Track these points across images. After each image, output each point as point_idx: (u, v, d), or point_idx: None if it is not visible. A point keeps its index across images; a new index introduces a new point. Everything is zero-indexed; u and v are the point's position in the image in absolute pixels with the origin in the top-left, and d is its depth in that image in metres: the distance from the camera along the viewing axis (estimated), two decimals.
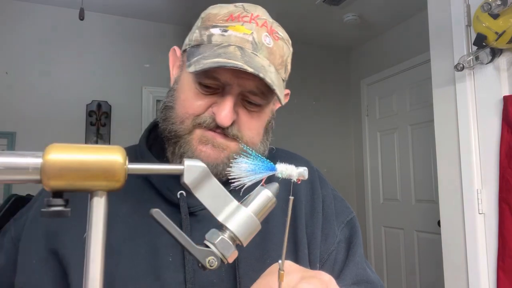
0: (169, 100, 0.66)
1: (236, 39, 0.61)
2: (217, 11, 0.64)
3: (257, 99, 0.63)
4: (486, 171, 1.53)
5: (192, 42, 0.64)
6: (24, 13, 2.93)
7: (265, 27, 0.64)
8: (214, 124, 0.61)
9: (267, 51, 0.63)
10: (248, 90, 0.61)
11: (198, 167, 0.41)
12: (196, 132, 0.62)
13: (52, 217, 0.33)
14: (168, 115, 0.64)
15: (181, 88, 0.64)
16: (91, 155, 0.34)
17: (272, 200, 0.45)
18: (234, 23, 0.62)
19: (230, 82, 0.60)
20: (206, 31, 0.63)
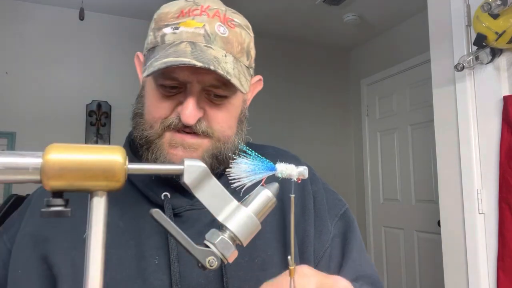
0: (137, 107, 0.66)
1: (187, 35, 0.60)
2: (168, 10, 0.64)
3: (220, 91, 0.61)
4: (486, 171, 1.53)
5: (148, 45, 0.64)
6: (24, 13, 2.93)
7: (217, 16, 0.63)
8: (181, 124, 0.60)
9: (222, 41, 0.61)
10: (209, 84, 0.60)
11: (198, 167, 0.41)
12: (166, 136, 0.61)
13: (52, 217, 0.33)
14: (138, 122, 0.64)
15: (146, 93, 0.64)
16: (91, 155, 0.34)
17: (272, 200, 0.45)
18: (185, 19, 0.61)
19: (189, 79, 0.59)
20: (159, 32, 0.62)
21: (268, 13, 3.08)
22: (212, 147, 0.63)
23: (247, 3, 2.91)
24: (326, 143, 3.75)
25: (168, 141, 0.61)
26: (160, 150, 0.61)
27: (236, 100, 0.65)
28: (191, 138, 0.61)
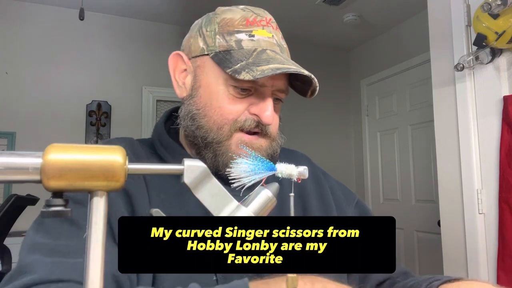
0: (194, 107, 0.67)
1: (265, 43, 0.66)
2: (231, 16, 0.67)
3: (283, 95, 0.68)
4: (486, 171, 1.53)
5: (217, 47, 0.66)
6: (24, 13, 2.93)
7: (278, 30, 0.70)
8: (254, 125, 0.64)
9: (287, 52, 0.69)
10: (278, 89, 0.66)
11: (198, 167, 0.41)
12: (235, 137, 0.64)
13: (52, 217, 0.33)
14: (202, 122, 0.65)
15: (210, 95, 0.66)
16: (91, 155, 0.34)
17: (272, 200, 0.45)
18: (256, 28, 0.66)
19: (267, 84, 0.64)
20: (231, 37, 0.65)
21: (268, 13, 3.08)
22: (269, 147, 0.67)
23: (247, 3, 2.91)
24: (326, 143, 3.75)
25: (236, 142, 0.64)
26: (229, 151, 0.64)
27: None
28: (255, 139, 0.66)
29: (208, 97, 0.66)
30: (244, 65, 0.62)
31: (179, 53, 0.71)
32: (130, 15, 3.20)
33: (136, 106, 3.18)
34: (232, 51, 0.65)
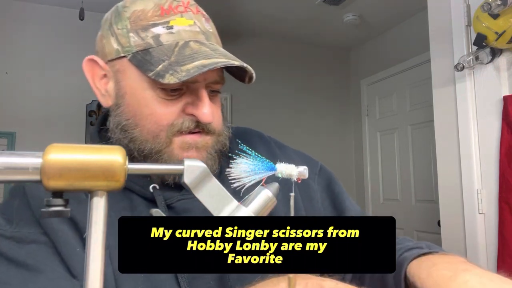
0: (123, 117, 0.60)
1: (186, 34, 0.58)
2: (142, 7, 0.60)
3: (219, 86, 0.62)
4: (486, 171, 1.53)
5: (133, 47, 0.58)
6: (24, 13, 2.93)
7: (200, 13, 0.62)
8: (194, 125, 0.59)
9: (214, 37, 0.62)
10: (213, 81, 0.60)
11: (198, 167, 0.41)
12: (175, 141, 0.59)
13: (52, 217, 0.33)
14: (135, 134, 0.59)
15: (138, 102, 0.59)
16: (91, 155, 0.34)
17: (272, 200, 0.45)
18: (173, 17, 0.59)
19: (198, 79, 0.57)
20: (147, 33, 0.58)
21: (268, 13, 3.08)
22: (215, 143, 0.62)
23: (248, 3, 2.91)
24: (326, 143, 3.75)
25: (179, 146, 0.59)
26: (174, 157, 0.58)
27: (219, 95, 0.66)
28: (199, 137, 0.60)
29: (137, 105, 0.59)
30: (167, 66, 0.55)
31: (93, 58, 0.64)
32: None
33: None
34: (151, 49, 0.57)
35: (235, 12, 3.03)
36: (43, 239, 0.54)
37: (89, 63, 0.65)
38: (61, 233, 0.54)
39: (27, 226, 0.55)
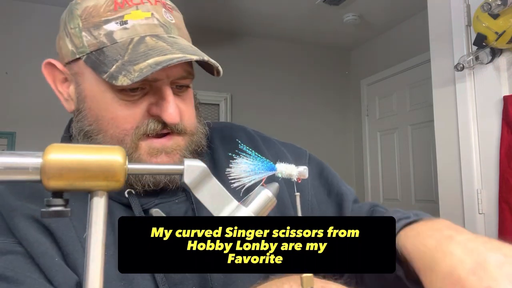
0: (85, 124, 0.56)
1: (142, 28, 0.54)
2: (94, 2, 0.55)
3: (187, 81, 0.57)
4: (486, 171, 1.53)
5: (87, 48, 0.54)
6: (24, 13, 2.93)
7: (160, 2, 0.57)
8: (160, 127, 0.54)
9: (176, 28, 0.57)
10: (178, 77, 0.55)
11: (198, 167, 0.41)
12: (142, 146, 0.54)
13: (52, 217, 0.33)
14: (98, 141, 0.55)
15: (98, 106, 0.55)
16: (91, 155, 0.34)
17: (272, 200, 0.45)
18: (127, 10, 0.54)
19: (160, 76, 0.53)
20: (100, 30, 0.54)
21: (268, 13, 3.08)
22: (189, 143, 0.58)
23: (248, 3, 2.91)
24: (326, 143, 3.75)
25: (147, 151, 0.55)
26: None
27: (191, 90, 0.61)
28: (168, 140, 0.56)
29: (97, 109, 0.55)
30: (120, 66, 0.50)
31: (51, 62, 0.60)
32: None
33: None
34: (105, 48, 0.53)
35: (235, 12, 3.03)
36: (19, 249, 0.52)
37: (48, 67, 0.61)
38: (37, 244, 0.51)
39: (1, 236, 0.52)
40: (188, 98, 0.59)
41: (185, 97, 0.58)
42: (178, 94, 0.57)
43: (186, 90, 0.59)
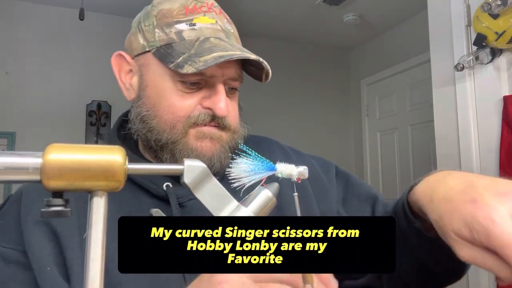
0: (143, 109, 0.63)
1: (208, 30, 0.62)
2: (169, 6, 0.63)
3: (237, 83, 0.64)
4: (486, 171, 1.53)
5: (157, 42, 0.62)
6: (24, 13, 2.93)
7: (223, 14, 0.66)
8: (210, 119, 0.61)
9: (234, 37, 0.65)
10: (230, 78, 0.62)
11: (198, 167, 0.41)
12: (191, 132, 0.61)
13: (52, 217, 0.33)
14: (153, 124, 0.62)
15: (158, 94, 0.62)
16: (91, 155, 0.34)
17: (272, 200, 0.44)
18: (197, 15, 0.62)
19: (216, 74, 0.60)
20: (171, 29, 0.61)
21: (268, 13, 3.08)
22: (230, 139, 0.64)
23: (248, 3, 2.91)
24: (326, 143, 3.75)
25: (194, 135, 0.61)
26: (188, 146, 0.60)
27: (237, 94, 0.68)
28: (215, 129, 0.62)
29: (156, 97, 0.62)
30: (186, 58, 0.58)
31: (121, 54, 0.68)
32: (130, 15, 3.19)
33: None
34: (174, 44, 0.61)
35: (235, 12, 3.03)
36: (22, 260, 0.56)
37: (117, 58, 0.69)
38: (38, 249, 0.55)
39: (12, 242, 0.57)
40: (235, 100, 0.66)
41: (232, 98, 0.65)
42: (228, 94, 0.63)
43: (234, 93, 0.66)
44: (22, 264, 0.56)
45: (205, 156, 0.60)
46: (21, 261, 0.56)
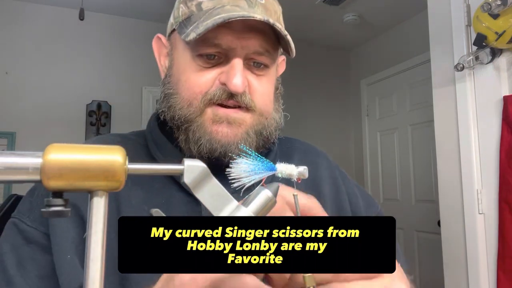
0: (167, 88, 0.60)
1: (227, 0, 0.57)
2: None
3: (264, 58, 0.58)
4: (486, 171, 1.53)
5: (180, 17, 0.59)
6: (24, 13, 2.93)
7: None
8: (225, 95, 0.56)
9: (262, 7, 0.58)
10: (253, 51, 0.56)
11: (198, 167, 0.41)
12: (208, 112, 0.56)
13: (52, 217, 0.33)
14: (172, 102, 0.59)
15: (179, 70, 0.59)
16: (91, 155, 0.34)
17: (272, 200, 0.44)
18: None
19: (233, 45, 0.55)
20: (193, 2, 0.58)
21: None
22: (256, 123, 0.58)
23: None
24: (326, 143, 3.75)
25: (211, 118, 0.56)
26: (202, 128, 0.56)
27: (273, 72, 0.62)
28: (234, 112, 0.57)
29: (178, 74, 0.59)
30: (194, 26, 0.54)
31: (159, 36, 0.66)
32: (130, 15, 3.20)
33: (136, 106, 3.18)
34: (192, 16, 0.57)
35: None
36: (43, 242, 0.54)
37: (156, 42, 0.67)
38: (60, 232, 0.54)
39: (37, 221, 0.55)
40: (265, 79, 0.59)
41: (262, 78, 0.59)
42: (254, 72, 0.58)
43: (265, 70, 0.59)
44: (42, 246, 0.54)
45: (219, 142, 0.56)
46: (42, 243, 0.54)
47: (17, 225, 0.56)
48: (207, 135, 0.56)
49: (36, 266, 0.53)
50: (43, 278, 0.53)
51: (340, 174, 0.73)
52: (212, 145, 0.56)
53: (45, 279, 0.53)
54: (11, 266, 0.52)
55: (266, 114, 0.60)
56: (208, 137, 0.56)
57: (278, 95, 0.65)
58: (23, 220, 0.56)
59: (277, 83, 0.65)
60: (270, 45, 0.58)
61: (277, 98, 0.64)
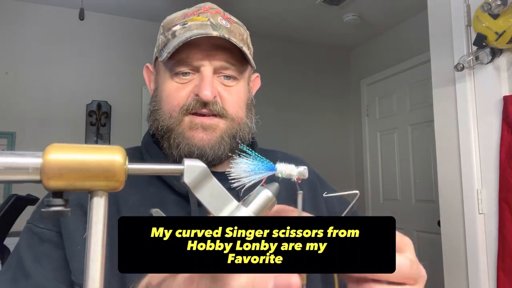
0: (153, 105, 0.70)
1: (196, 26, 0.66)
2: (173, 16, 0.72)
3: (231, 72, 0.67)
4: (486, 171, 1.53)
5: (160, 46, 0.69)
6: (24, 13, 2.93)
7: (219, 13, 0.70)
8: (199, 105, 0.64)
9: (226, 30, 0.67)
10: (220, 66, 0.66)
11: (198, 167, 0.41)
12: (185, 120, 0.65)
13: (52, 217, 0.33)
14: (157, 116, 0.68)
15: (161, 90, 0.69)
16: (91, 155, 0.34)
17: (272, 200, 0.44)
18: (192, 17, 0.68)
19: (202, 62, 0.65)
20: (169, 31, 0.68)
21: (268, 14, 3.08)
22: (229, 128, 0.66)
23: (248, 3, 2.91)
24: (326, 143, 3.75)
25: (188, 125, 0.65)
26: (182, 135, 0.65)
27: (243, 85, 0.71)
28: (209, 119, 0.65)
29: (161, 92, 0.69)
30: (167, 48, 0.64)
31: (147, 65, 0.76)
32: (130, 15, 3.20)
33: (136, 106, 3.18)
34: (168, 42, 0.67)
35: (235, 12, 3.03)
36: (56, 239, 0.61)
37: (146, 70, 0.77)
38: (73, 229, 0.60)
39: (50, 224, 0.63)
40: (234, 89, 0.68)
41: (231, 89, 0.68)
42: (224, 83, 0.67)
43: (234, 81, 0.69)
44: (55, 243, 0.61)
45: (195, 146, 0.64)
46: (55, 240, 0.61)
47: (31, 229, 0.64)
48: (185, 140, 0.65)
49: (50, 260, 0.60)
50: (56, 269, 0.60)
51: (318, 179, 0.80)
52: (190, 148, 0.65)
53: (58, 270, 0.60)
54: (29, 262, 0.60)
55: (238, 120, 0.68)
56: (186, 141, 0.65)
57: (250, 106, 0.73)
58: (36, 225, 0.63)
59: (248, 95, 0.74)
60: (236, 60, 0.67)
61: (249, 108, 0.73)
